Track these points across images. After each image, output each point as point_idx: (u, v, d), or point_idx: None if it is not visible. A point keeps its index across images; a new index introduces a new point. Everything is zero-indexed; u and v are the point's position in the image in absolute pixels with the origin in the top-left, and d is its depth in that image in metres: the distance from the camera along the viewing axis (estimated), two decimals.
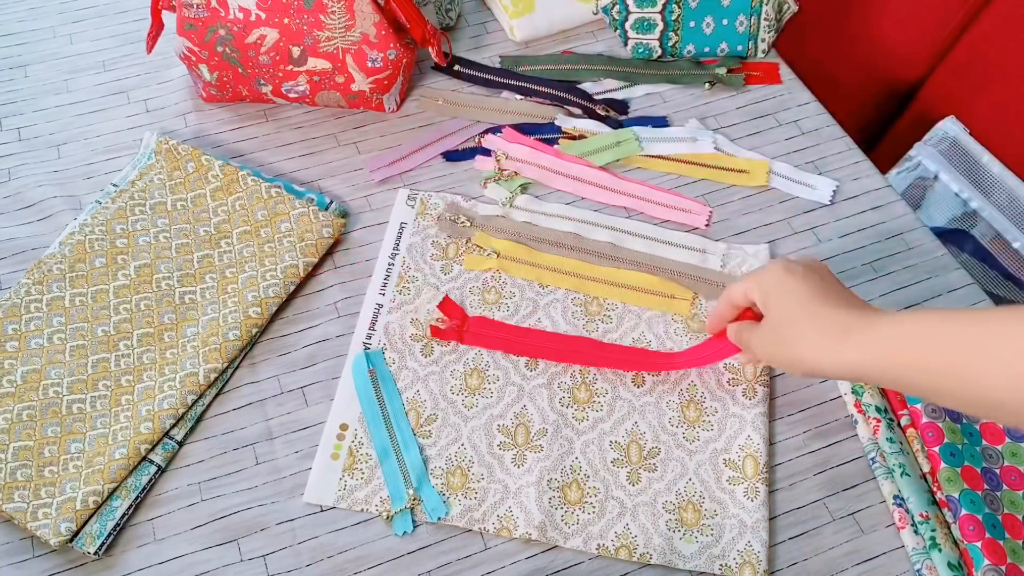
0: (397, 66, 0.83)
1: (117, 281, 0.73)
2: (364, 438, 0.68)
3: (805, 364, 0.57)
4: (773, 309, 0.59)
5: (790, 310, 0.58)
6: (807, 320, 0.56)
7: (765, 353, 0.61)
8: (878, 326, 0.53)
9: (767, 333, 0.60)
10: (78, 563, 0.62)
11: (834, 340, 0.55)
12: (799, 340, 0.57)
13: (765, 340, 0.60)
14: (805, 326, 0.56)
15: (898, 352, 0.52)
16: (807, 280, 0.58)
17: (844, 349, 0.54)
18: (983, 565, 0.61)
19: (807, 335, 0.56)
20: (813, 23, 1.10)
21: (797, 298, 0.58)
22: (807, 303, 0.57)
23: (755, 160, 0.86)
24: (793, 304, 0.58)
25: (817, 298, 0.57)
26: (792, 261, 0.61)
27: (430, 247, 0.78)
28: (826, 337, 0.55)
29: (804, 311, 0.57)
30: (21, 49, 0.92)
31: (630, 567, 0.64)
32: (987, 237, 1.00)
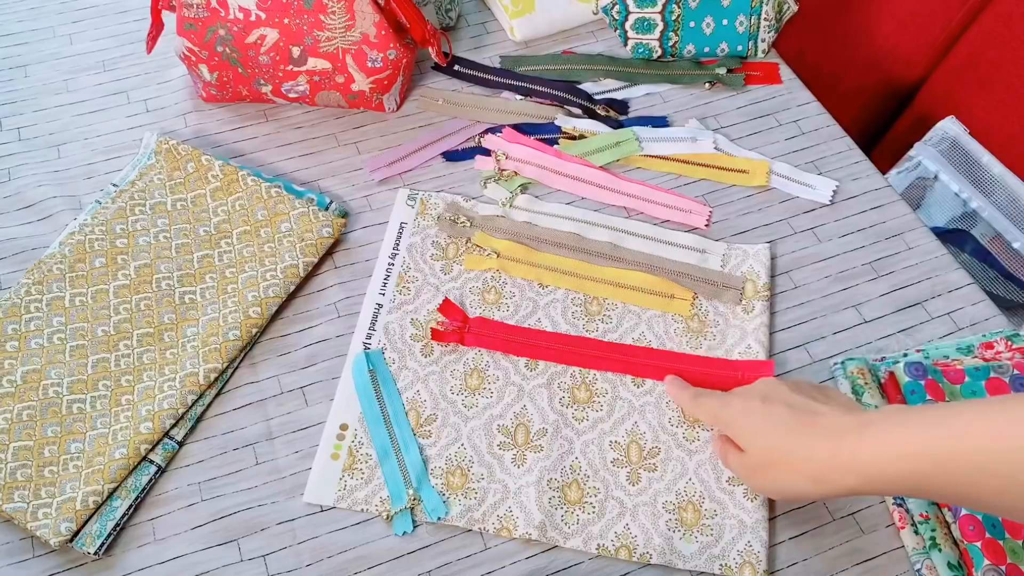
0: (397, 66, 0.83)
1: (117, 281, 0.73)
2: (364, 438, 0.68)
3: (805, 498, 0.57)
4: (753, 450, 0.59)
5: (772, 452, 0.57)
6: (792, 460, 0.56)
7: (757, 488, 0.61)
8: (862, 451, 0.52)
9: (756, 471, 0.59)
10: (78, 563, 0.62)
11: (827, 473, 0.54)
12: (792, 480, 0.56)
13: (756, 477, 0.59)
14: (793, 466, 0.56)
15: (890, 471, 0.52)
16: (776, 417, 0.58)
17: (840, 479, 0.53)
18: (983, 565, 0.61)
19: (798, 474, 0.55)
20: (813, 23, 1.10)
21: (775, 439, 0.57)
22: (786, 441, 0.56)
23: (755, 160, 0.86)
24: (773, 445, 0.57)
25: (793, 433, 0.56)
26: (747, 396, 0.61)
27: (430, 247, 0.78)
28: (819, 472, 0.54)
29: (786, 451, 0.56)
30: (21, 49, 0.92)
31: (630, 567, 0.64)
32: (987, 237, 1.00)
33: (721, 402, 0.63)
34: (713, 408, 0.64)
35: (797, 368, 0.73)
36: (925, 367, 0.69)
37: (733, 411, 0.61)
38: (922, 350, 0.73)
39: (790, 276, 0.79)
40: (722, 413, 0.62)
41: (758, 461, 0.58)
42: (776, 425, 0.57)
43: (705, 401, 0.65)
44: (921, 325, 0.76)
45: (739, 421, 0.60)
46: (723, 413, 0.62)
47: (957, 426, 0.49)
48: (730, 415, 0.61)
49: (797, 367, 0.73)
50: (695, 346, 0.74)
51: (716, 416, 0.63)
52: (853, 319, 0.76)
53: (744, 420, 0.60)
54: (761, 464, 0.58)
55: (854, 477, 0.53)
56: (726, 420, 0.62)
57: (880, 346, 0.75)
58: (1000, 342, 0.72)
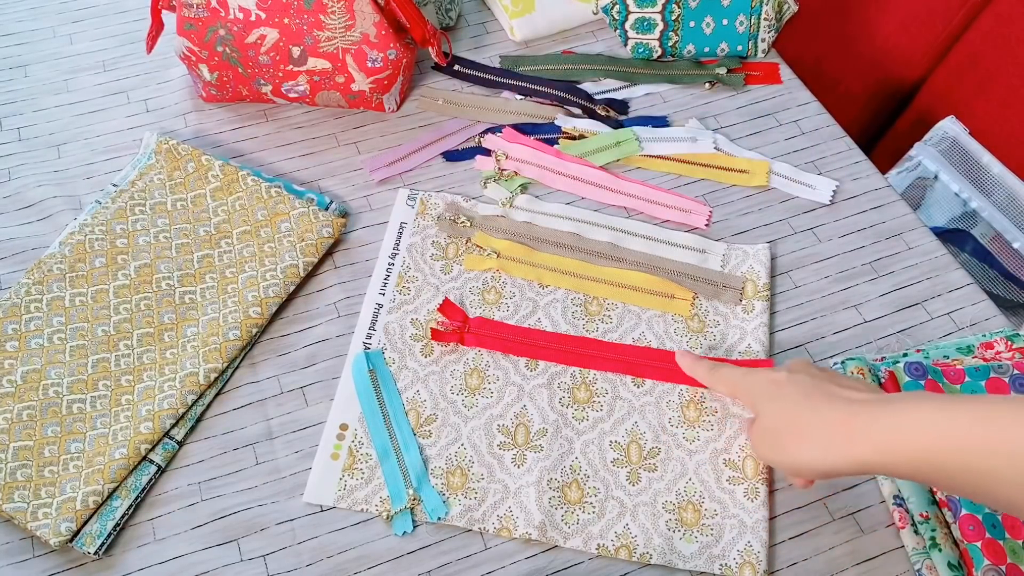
0: (397, 66, 0.83)
1: (117, 281, 0.73)
2: (364, 438, 0.68)
3: (813, 468, 0.55)
4: (766, 414, 0.58)
5: (785, 415, 0.56)
6: (805, 425, 0.55)
7: (766, 457, 0.60)
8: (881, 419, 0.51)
9: (766, 437, 0.58)
10: (78, 563, 0.62)
11: (839, 440, 0.53)
12: (801, 446, 0.55)
13: (765, 444, 0.58)
14: (804, 431, 0.55)
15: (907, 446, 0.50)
16: (795, 383, 0.57)
17: (852, 445, 0.52)
18: (983, 565, 0.61)
19: (808, 439, 0.54)
20: (813, 23, 1.10)
21: (791, 402, 0.56)
22: (802, 405, 0.56)
23: (755, 160, 0.86)
24: (788, 408, 0.56)
25: (810, 399, 0.56)
26: (774, 370, 0.60)
27: (430, 247, 0.78)
28: (829, 439, 0.53)
29: (800, 415, 0.55)
30: (21, 49, 0.92)
31: (630, 567, 0.64)
32: (987, 237, 1.00)
33: (744, 372, 0.63)
34: (734, 377, 0.63)
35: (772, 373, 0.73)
36: (925, 367, 0.69)
37: (755, 379, 0.61)
38: (922, 350, 0.73)
39: (790, 276, 0.79)
40: (743, 381, 0.61)
41: (770, 425, 0.57)
42: (794, 391, 0.57)
43: (725, 372, 0.64)
44: (921, 325, 0.76)
45: (758, 388, 0.60)
46: (744, 381, 0.61)
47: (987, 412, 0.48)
48: (751, 382, 0.61)
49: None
50: (695, 346, 0.74)
51: (736, 384, 0.62)
52: (853, 319, 0.76)
53: (764, 387, 0.59)
54: (773, 429, 0.57)
55: (867, 448, 0.51)
56: (746, 387, 0.61)
57: (880, 346, 0.75)
58: (1000, 342, 0.72)
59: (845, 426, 0.53)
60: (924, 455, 0.49)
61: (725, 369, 0.65)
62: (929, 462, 0.49)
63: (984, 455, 0.47)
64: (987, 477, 0.47)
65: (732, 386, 0.64)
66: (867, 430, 0.51)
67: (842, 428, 0.53)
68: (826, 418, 0.54)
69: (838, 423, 0.53)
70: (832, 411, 0.54)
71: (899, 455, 0.50)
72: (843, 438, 0.52)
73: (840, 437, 0.53)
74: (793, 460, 0.56)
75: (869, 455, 0.51)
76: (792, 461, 0.56)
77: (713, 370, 0.66)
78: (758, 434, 0.59)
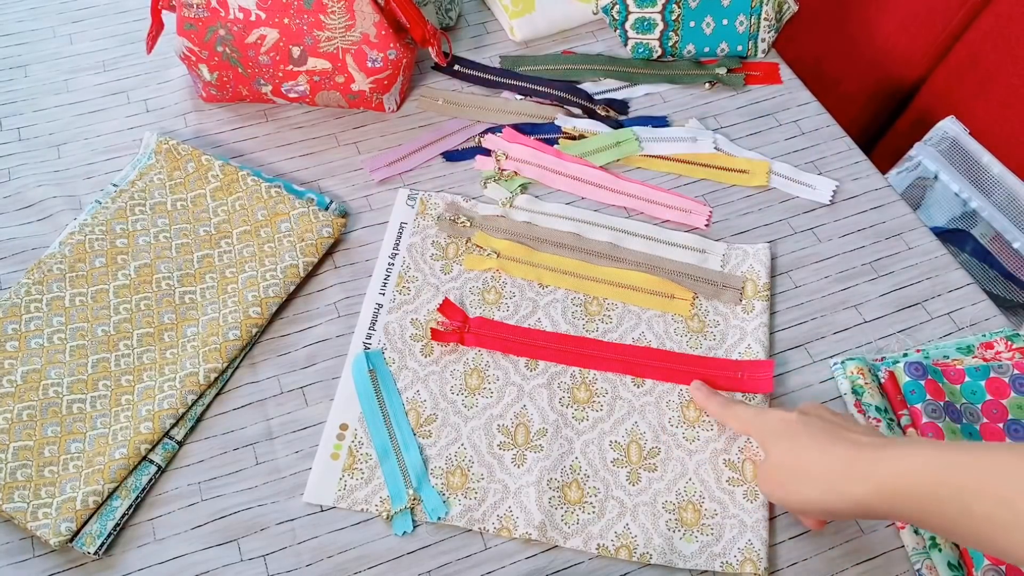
0: (397, 66, 0.83)
1: (117, 281, 0.73)
2: (364, 438, 0.68)
3: (815, 507, 0.55)
4: (774, 452, 0.59)
5: (792, 454, 0.57)
6: (810, 464, 0.56)
7: (773, 495, 0.60)
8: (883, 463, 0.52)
9: (772, 475, 0.59)
10: (78, 563, 0.62)
11: (840, 480, 0.53)
12: (804, 485, 0.56)
13: (772, 482, 0.59)
14: (809, 471, 0.56)
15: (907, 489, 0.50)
16: (805, 424, 0.58)
17: (851, 488, 0.53)
18: (983, 565, 0.61)
19: (812, 479, 0.55)
20: (813, 23, 1.10)
21: (798, 442, 0.57)
22: (809, 446, 0.56)
23: (755, 160, 0.86)
24: (794, 448, 0.57)
25: (817, 440, 0.56)
26: (787, 410, 0.61)
27: (430, 247, 0.78)
28: (832, 479, 0.54)
29: (806, 455, 0.56)
30: (21, 49, 0.92)
31: (630, 567, 0.64)
32: (987, 237, 1.00)
33: (757, 412, 0.63)
34: (747, 416, 0.64)
35: (797, 368, 0.73)
36: (925, 367, 0.69)
37: (766, 418, 0.62)
38: (922, 350, 0.73)
39: (790, 276, 0.79)
40: (755, 420, 0.62)
41: (777, 463, 0.58)
42: (803, 431, 0.58)
43: (738, 409, 0.65)
44: (921, 325, 0.76)
45: (769, 427, 0.61)
46: (756, 420, 0.62)
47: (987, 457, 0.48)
48: (762, 421, 0.62)
49: (797, 367, 0.73)
50: (695, 346, 0.74)
51: (748, 423, 0.63)
52: (853, 319, 0.76)
53: (774, 426, 0.60)
54: (779, 467, 0.58)
55: (867, 489, 0.52)
56: (757, 426, 0.62)
57: (880, 346, 0.75)
58: (1000, 342, 0.72)
59: (847, 467, 0.53)
60: (924, 498, 0.49)
61: (738, 407, 0.65)
62: (928, 505, 0.49)
63: (983, 500, 0.47)
64: (986, 523, 0.47)
65: (744, 424, 0.64)
66: (868, 472, 0.52)
67: (844, 469, 0.53)
68: (830, 459, 0.55)
69: (840, 464, 0.54)
70: (836, 452, 0.55)
71: (899, 497, 0.51)
72: (845, 479, 0.53)
73: (842, 478, 0.53)
74: (797, 499, 0.57)
75: (870, 497, 0.52)
76: (796, 500, 0.57)
77: (726, 407, 0.66)
78: (766, 472, 0.60)
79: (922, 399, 0.68)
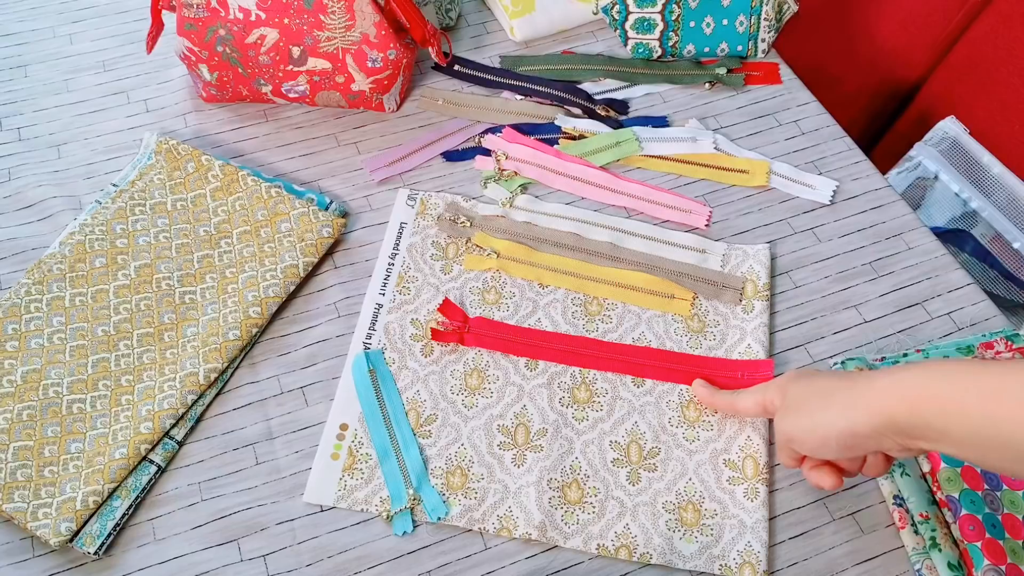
0: (397, 66, 0.83)
1: (117, 281, 0.73)
2: (364, 438, 0.68)
3: (838, 425, 0.55)
4: (792, 394, 0.60)
5: (811, 388, 0.59)
6: (831, 390, 0.57)
7: (791, 432, 0.59)
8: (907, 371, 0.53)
9: (792, 409, 0.60)
10: (78, 563, 0.62)
11: (863, 392, 0.54)
12: (827, 404, 0.56)
13: (791, 417, 0.59)
14: (830, 391, 0.57)
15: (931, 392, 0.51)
16: (819, 372, 0.60)
17: (875, 396, 0.53)
18: (983, 565, 0.61)
19: (834, 397, 0.56)
20: (813, 23, 1.10)
21: (814, 379, 0.59)
22: (827, 379, 0.58)
23: (755, 160, 0.86)
24: (813, 382, 0.59)
25: (835, 376, 0.58)
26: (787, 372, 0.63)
27: (430, 247, 0.78)
28: (854, 393, 0.55)
29: (825, 385, 0.58)
30: (21, 49, 0.92)
31: (630, 567, 0.64)
32: (987, 237, 1.00)
33: (762, 385, 0.64)
34: (756, 397, 0.64)
35: (797, 368, 0.73)
36: None
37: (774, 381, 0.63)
38: (922, 350, 0.73)
39: (790, 276, 0.79)
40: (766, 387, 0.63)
41: (796, 399, 0.59)
42: (816, 373, 0.60)
43: (744, 394, 0.65)
44: (921, 325, 0.76)
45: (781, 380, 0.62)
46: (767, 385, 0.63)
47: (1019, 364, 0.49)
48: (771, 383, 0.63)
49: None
50: (695, 346, 0.74)
51: (758, 392, 0.64)
52: (853, 319, 0.76)
53: (786, 378, 0.61)
54: (799, 401, 0.59)
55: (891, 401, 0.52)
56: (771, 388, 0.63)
57: (880, 346, 0.75)
58: (1000, 342, 0.72)
59: (868, 383, 0.54)
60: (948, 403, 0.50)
61: (745, 395, 0.65)
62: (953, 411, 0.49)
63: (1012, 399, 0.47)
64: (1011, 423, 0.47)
65: (755, 398, 0.64)
66: (889, 383, 0.53)
67: (865, 385, 0.54)
68: (851, 381, 0.56)
69: (862, 383, 0.55)
70: (857, 377, 0.56)
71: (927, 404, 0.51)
72: (865, 393, 0.54)
73: (863, 392, 0.54)
74: (816, 423, 0.57)
75: (894, 407, 0.52)
76: (816, 424, 0.57)
77: (735, 400, 0.66)
78: (783, 412, 0.60)
79: None
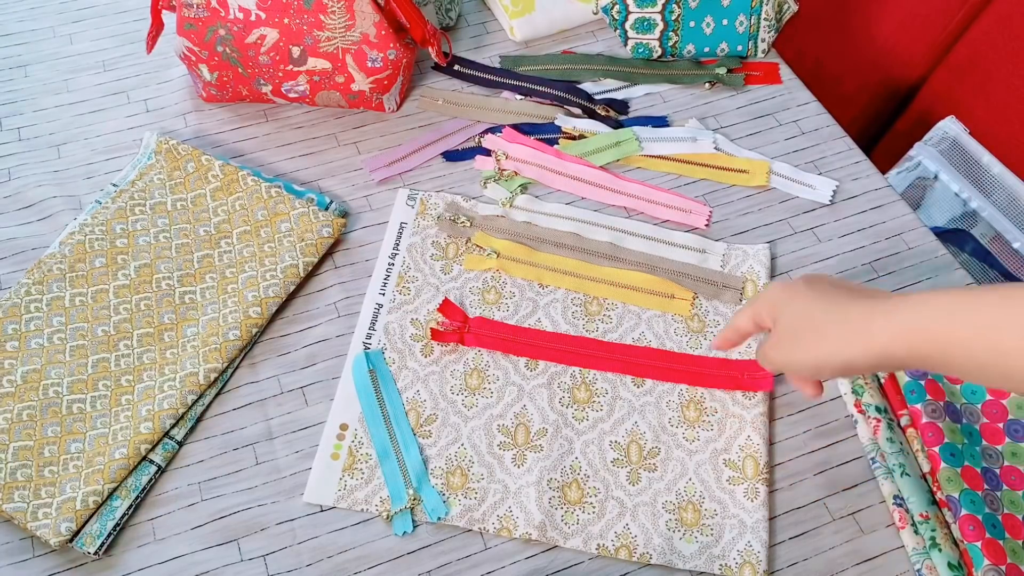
0: (397, 66, 0.83)
1: (117, 281, 0.73)
2: (364, 438, 0.68)
3: (833, 361, 0.54)
4: (785, 317, 0.58)
5: (805, 313, 0.56)
6: (824, 318, 0.54)
7: (782, 360, 0.58)
8: (903, 307, 0.51)
9: (783, 340, 0.57)
10: (78, 563, 0.62)
11: (860, 329, 0.52)
12: (822, 339, 0.54)
13: (784, 348, 0.57)
14: (824, 324, 0.54)
15: (929, 329, 0.49)
16: (812, 287, 0.57)
17: (872, 335, 0.52)
18: (983, 565, 0.61)
19: (829, 332, 0.54)
20: (813, 23, 1.10)
21: (809, 301, 0.56)
22: (822, 306, 0.55)
23: (755, 160, 0.86)
24: (807, 307, 0.56)
25: (829, 297, 0.55)
26: (791, 279, 0.60)
27: (430, 247, 0.78)
28: (849, 332, 0.53)
29: (820, 311, 0.55)
30: (21, 49, 0.92)
31: (630, 567, 0.64)
32: (987, 237, 1.00)
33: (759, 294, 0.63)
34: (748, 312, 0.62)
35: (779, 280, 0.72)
36: None
37: (773, 287, 0.60)
38: None
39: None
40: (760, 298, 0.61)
41: (790, 327, 0.57)
42: (814, 294, 0.56)
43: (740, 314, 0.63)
44: None
45: (776, 294, 0.59)
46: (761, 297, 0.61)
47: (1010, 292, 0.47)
48: (769, 291, 0.60)
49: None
50: (695, 346, 0.74)
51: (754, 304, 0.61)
52: None
53: (782, 292, 0.59)
54: (792, 330, 0.57)
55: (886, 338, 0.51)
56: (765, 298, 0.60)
57: None
58: None
59: (865, 319, 0.52)
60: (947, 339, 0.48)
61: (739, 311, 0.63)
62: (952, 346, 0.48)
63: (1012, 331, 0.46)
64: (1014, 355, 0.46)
65: (747, 313, 0.62)
66: (887, 321, 0.51)
67: (862, 321, 0.52)
68: (847, 314, 0.53)
69: (858, 318, 0.53)
70: (852, 307, 0.54)
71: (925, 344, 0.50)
72: (863, 331, 0.52)
73: (860, 330, 0.52)
74: (812, 357, 0.55)
75: (892, 347, 0.51)
76: (811, 358, 0.55)
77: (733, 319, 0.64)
78: (774, 342, 0.58)
79: (922, 399, 0.68)
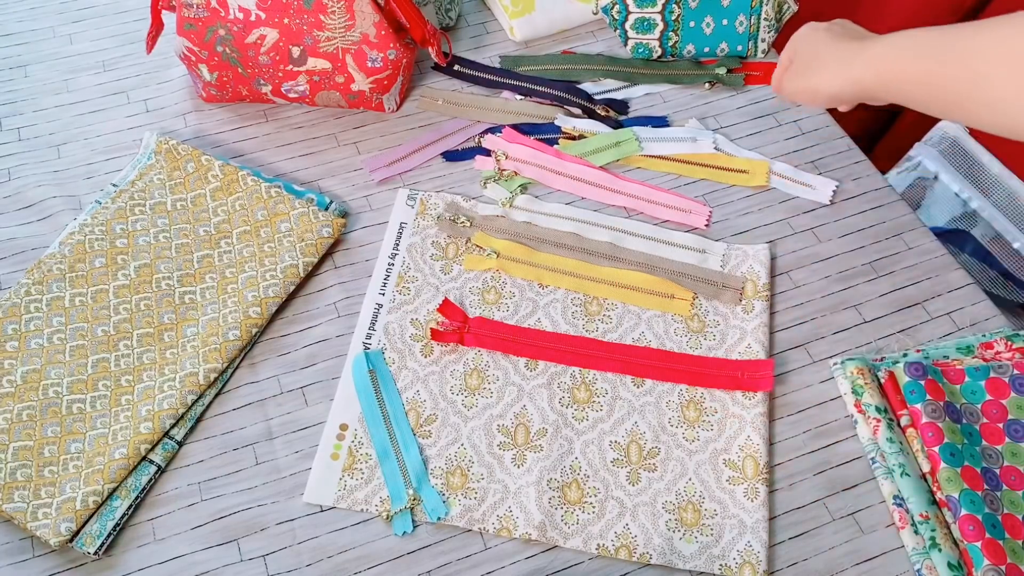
0: (397, 66, 0.83)
1: (117, 281, 0.73)
2: (364, 438, 0.68)
3: (824, 90, 0.66)
4: (801, 51, 0.69)
5: (815, 48, 0.67)
6: (827, 52, 0.65)
7: (794, 89, 0.69)
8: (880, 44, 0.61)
9: (797, 71, 0.69)
10: (78, 563, 0.62)
11: (846, 61, 0.63)
12: (821, 69, 0.66)
13: (794, 78, 0.69)
14: (826, 57, 0.65)
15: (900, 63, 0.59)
16: (830, 28, 0.68)
17: (853, 66, 0.62)
18: (983, 565, 0.61)
19: (827, 64, 0.65)
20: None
21: (821, 39, 0.67)
22: (829, 43, 0.66)
23: (755, 160, 0.86)
24: (818, 43, 0.67)
25: (837, 36, 0.66)
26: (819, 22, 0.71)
27: (430, 247, 0.78)
28: (839, 64, 0.64)
29: (826, 47, 0.66)
30: (21, 49, 0.92)
31: (630, 567, 0.64)
32: (987, 237, 1.00)
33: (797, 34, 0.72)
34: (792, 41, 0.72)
35: (797, 368, 0.73)
36: (925, 367, 0.69)
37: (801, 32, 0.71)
38: (922, 350, 0.73)
39: (790, 276, 0.79)
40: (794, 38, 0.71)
41: (803, 59, 0.69)
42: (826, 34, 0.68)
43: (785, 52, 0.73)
44: (921, 325, 0.76)
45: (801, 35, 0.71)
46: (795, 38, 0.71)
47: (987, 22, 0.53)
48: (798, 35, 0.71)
49: (797, 367, 0.73)
50: (695, 346, 0.74)
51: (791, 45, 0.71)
52: (853, 319, 0.76)
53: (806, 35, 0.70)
54: (804, 62, 0.68)
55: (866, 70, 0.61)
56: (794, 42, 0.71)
57: (880, 346, 0.75)
58: (1000, 342, 0.72)
59: (854, 55, 0.63)
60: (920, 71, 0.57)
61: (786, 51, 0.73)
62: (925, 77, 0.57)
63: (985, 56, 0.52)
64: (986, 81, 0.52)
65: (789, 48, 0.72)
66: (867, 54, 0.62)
67: (851, 57, 0.63)
68: (841, 51, 0.65)
69: (849, 54, 0.64)
70: (848, 45, 0.64)
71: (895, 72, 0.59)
72: (850, 65, 0.63)
73: (848, 64, 0.63)
74: (811, 84, 0.67)
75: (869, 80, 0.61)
76: (810, 85, 0.67)
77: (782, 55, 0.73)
78: (793, 70, 0.70)
79: (922, 399, 0.68)
